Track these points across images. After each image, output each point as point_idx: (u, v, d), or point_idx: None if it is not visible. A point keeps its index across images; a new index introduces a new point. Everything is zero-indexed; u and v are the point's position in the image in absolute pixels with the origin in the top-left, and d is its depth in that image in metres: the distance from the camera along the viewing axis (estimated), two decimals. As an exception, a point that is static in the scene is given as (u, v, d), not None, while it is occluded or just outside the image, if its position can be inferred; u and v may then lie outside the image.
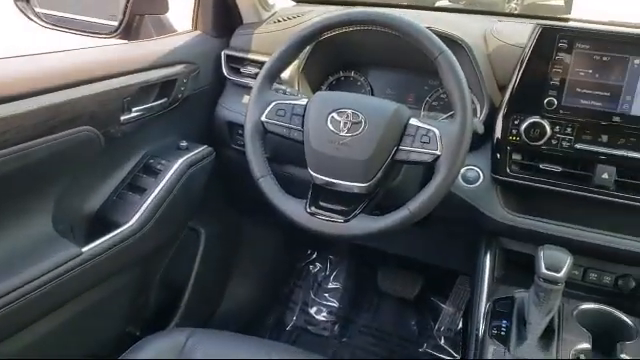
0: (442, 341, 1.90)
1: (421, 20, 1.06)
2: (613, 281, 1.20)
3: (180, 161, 1.36)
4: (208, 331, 1.15)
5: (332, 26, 1.08)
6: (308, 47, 1.28)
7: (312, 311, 2.04)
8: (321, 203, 1.08)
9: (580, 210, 1.17)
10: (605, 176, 1.10)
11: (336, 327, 1.99)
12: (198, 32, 1.53)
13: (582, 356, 1.03)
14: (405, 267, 2.00)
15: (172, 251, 1.55)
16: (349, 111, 1.04)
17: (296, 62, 1.32)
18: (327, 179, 1.06)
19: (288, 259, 2.12)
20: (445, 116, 1.33)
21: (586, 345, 1.04)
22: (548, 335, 1.05)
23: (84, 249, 1.16)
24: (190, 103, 1.45)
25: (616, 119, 1.08)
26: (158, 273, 1.54)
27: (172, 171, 1.34)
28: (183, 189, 1.36)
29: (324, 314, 2.03)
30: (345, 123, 1.03)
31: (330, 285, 2.08)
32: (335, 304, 2.04)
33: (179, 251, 1.58)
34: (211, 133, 1.53)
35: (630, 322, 1.10)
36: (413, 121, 1.03)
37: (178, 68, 1.38)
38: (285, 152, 1.25)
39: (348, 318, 2.01)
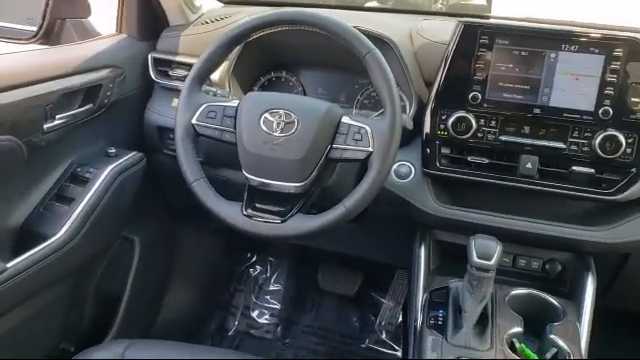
0: (384, 335, 1.93)
1: (349, 20, 1.08)
2: (541, 266, 1.26)
3: (109, 168, 1.32)
4: (147, 341, 1.12)
5: (261, 26, 1.08)
6: (238, 48, 1.27)
7: (254, 314, 2.02)
8: (257, 205, 1.07)
9: (508, 199, 1.21)
10: (529, 166, 1.15)
11: (279, 329, 1.99)
12: (123, 35, 1.49)
13: (515, 340, 1.08)
14: (345, 264, 2.01)
15: (106, 262, 1.50)
16: (282, 111, 1.04)
17: (226, 63, 1.31)
18: (262, 180, 1.05)
19: (227, 263, 2.10)
20: (376, 114, 1.35)
21: (518, 329, 1.08)
22: (483, 322, 1.08)
23: (9, 264, 1.10)
24: (118, 108, 1.41)
25: (537, 111, 1.13)
26: (92, 285, 1.49)
27: (101, 179, 1.30)
28: (114, 197, 1.32)
29: (266, 317, 2.02)
30: (278, 123, 1.03)
31: (271, 287, 2.07)
32: (277, 306, 2.03)
33: (113, 261, 1.53)
34: (141, 139, 1.49)
35: (557, 304, 1.15)
36: (345, 119, 1.04)
37: (103, 73, 1.34)
38: (218, 155, 1.24)
39: (290, 319, 2.01)
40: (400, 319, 1.93)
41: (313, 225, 1.03)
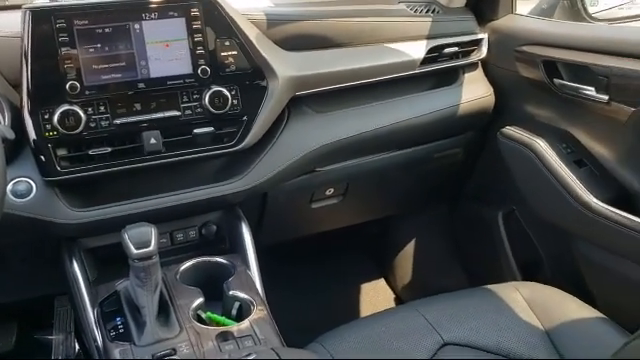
0: (65, 373, 1.71)
1: None
2: (198, 233, 1.27)
3: None
4: None
5: None
6: None
7: None
8: None
9: (146, 180, 1.17)
10: (153, 141, 1.11)
11: None
12: None
13: (200, 311, 1.08)
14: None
15: None
16: None
17: None
18: None
19: None
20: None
21: (200, 300, 1.09)
22: (164, 309, 1.05)
23: None
24: None
25: (141, 85, 1.10)
26: None
27: None
28: None
29: None
30: None
31: None
32: None
33: None
34: None
35: (225, 261, 1.20)
36: None
37: None
38: None
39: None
40: (78, 347, 1.74)
41: None
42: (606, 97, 1.21)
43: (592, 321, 1.14)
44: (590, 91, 1.25)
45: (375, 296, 2.05)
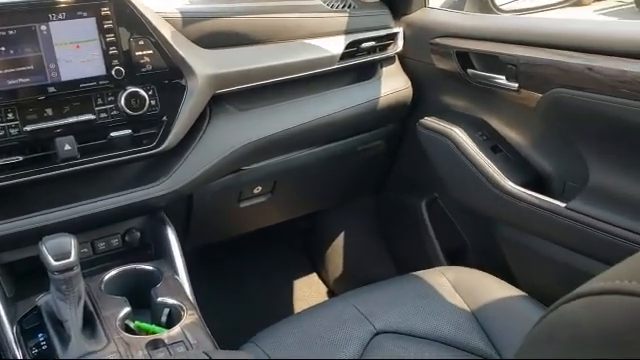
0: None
1: None
2: (121, 240, 1.23)
3: None
4: None
5: None
6: None
7: None
8: None
9: (61, 189, 1.12)
10: (67, 147, 1.06)
11: None
12: None
13: (128, 321, 1.04)
14: None
15: None
16: None
17: None
18: None
19: None
20: None
21: (126, 309, 1.05)
22: (90, 322, 1.01)
23: None
24: None
25: (51, 90, 1.05)
26: None
27: None
28: None
29: None
30: None
31: None
32: None
33: None
34: None
35: (152, 268, 1.16)
36: None
37: None
38: None
39: None
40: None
41: None
42: (516, 85, 1.27)
43: (514, 299, 1.19)
44: (501, 80, 1.31)
45: (308, 291, 2.06)
